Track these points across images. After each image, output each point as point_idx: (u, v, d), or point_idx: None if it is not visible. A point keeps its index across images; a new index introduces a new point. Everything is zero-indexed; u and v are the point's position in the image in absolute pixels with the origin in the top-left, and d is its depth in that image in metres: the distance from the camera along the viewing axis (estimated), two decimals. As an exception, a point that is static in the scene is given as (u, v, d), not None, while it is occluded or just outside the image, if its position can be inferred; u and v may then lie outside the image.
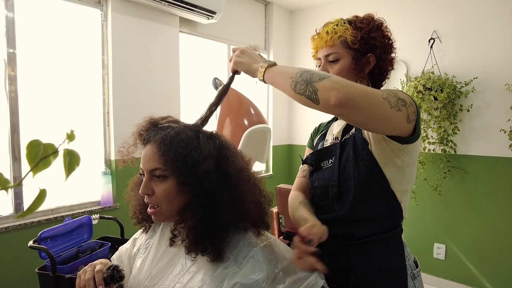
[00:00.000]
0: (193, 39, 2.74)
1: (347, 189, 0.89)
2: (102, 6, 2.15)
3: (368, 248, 0.88)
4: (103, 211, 2.14)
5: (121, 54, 2.20)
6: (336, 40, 0.92)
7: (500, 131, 2.34)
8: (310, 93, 0.70)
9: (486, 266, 2.52)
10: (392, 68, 1.00)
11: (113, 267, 0.79)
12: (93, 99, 2.18)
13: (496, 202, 2.45)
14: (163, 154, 0.76)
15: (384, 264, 0.87)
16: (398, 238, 0.91)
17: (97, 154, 2.21)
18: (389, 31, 0.98)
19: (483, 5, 2.43)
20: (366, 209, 0.88)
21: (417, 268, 0.94)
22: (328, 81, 0.70)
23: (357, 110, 0.70)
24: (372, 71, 0.95)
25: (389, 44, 0.96)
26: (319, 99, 0.70)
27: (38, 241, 1.45)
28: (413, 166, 0.90)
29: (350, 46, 0.92)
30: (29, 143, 0.26)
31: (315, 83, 0.70)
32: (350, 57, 0.92)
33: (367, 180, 0.87)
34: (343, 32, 0.91)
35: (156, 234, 0.91)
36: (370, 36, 0.91)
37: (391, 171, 0.86)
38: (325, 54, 0.95)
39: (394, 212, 0.89)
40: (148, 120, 0.88)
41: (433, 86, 2.43)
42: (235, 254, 0.77)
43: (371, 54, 0.93)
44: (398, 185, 0.88)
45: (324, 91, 0.69)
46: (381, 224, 0.88)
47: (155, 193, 0.79)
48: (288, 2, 3.31)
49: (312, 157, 1.01)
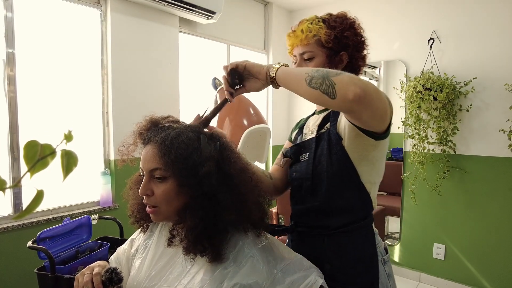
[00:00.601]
0: (192, 39, 2.74)
1: (320, 181, 0.93)
2: (101, 6, 2.15)
3: (343, 238, 0.92)
4: (102, 211, 2.14)
5: (121, 54, 2.20)
6: (311, 39, 0.95)
7: (500, 131, 2.35)
8: (327, 86, 0.71)
9: (485, 266, 2.52)
10: (364, 65, 1.04)
11: (111, 269, 0.78)
12: (92, 99, 2.18)
13: (496, 202, 2.45)
14: (164, 155, 0.76)
15: (358, 252, 0.92)
16: (369, 227, 0.96)
17: (96, 154, 2.21)
18: (361, 29, 1.01)
19: (482, 6, 2.44)
20: (339, 200, 0.92)
21: (387, 254, 0.99)
22: (346, 76, 0.71)
23: (369, 107, 0.73)
24: (345, 68, 0.99)
25: (361, 42, 1.00)
26: (337, 93, 0.70)
27: (37, 242, 1.45)
28: (382, 160, 0.94)
29: (324, 45, 0.95)
30: (26, 143, 0.25)
31: (332, 77, 0.71)
32: (324, 55, 0.96)
33: (340, 173, 0.91)
34: (318, 31, 0.94)
35: (154, 234, 0.90)
36: (343, 35, 0.95)
37: (362, 165, 0.91)
38: (300, 52, 0.98)
39: (364, 203, 0.94)
40: (148, 119, 0.87)
41: (432, 86, 2.43)
42: (234, 254, 0.76)
43: (344, 53, 0.97)
44: (367, 177, 0.92)
45: (343, 85, 0.70)
46: (354, 214, 0.93)
47: (154, 194, 0.78)
48: (287, 2, 3.31)
49: (291, 150, 1.05)
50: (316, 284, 0.78)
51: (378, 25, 2.93)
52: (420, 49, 2.70)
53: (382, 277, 0.93)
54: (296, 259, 0.83)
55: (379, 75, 3.29)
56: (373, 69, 3.28)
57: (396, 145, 3.11)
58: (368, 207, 0.95)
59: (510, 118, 2.31)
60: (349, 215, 0.93)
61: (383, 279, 0.93)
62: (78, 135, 2.11)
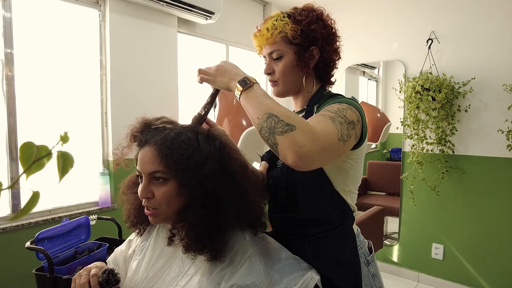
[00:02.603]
0: (191, 39, 2.74)
1: (295, 192, 0.91)
2: (100, 6, 2.15)
3: (322, 243, 0.90)
4: (101, 212, 2.14)
5: (119, 55, 2.20)
6: (277, 37, 0.90)
7: (498, 132, 2.35)
8: (272, 144, 0.70)
9: (484, 266, 2.52)
10: (339, 58, 0.98)
11: (108, 270, 0.78)
12: (91, 99, 2.18)
13: (494, 202, 2.46)
14: (165, 156, 0.75)
15: (338, 256, 0.90)
16: (349, 230, 0.93)
17: (95, 154, 2.21)
18: (331, 20, 0.95)
19: (480, 6, 2.44)
20: (315, 210, 0.90)
21: (371, 254, 0.97)
22: (289, 139, 0.67)
23: (311, 166, 0.70)
24: (317, 65, 0.94)
25: (332, 33, 0.94)
26: (279, 153, 0.69)
27: (35, 242, 1.44)
28: (358, 167, 0.92)
29: (291, 41, 0.90)
30: (22, 145, 0.25)
31: (277, 135, 0.69)
32: (293, 52, 0.90)
33: (312, 183, 0.89)
34: (283, 27, 0.89)
35: (151, 236, 0.90)
36: (310, 28, 0.89)
37: (334, 174, 0.88)
38: (269, 52, 0.93)
39: (341, 211, 0.92)
40: (141, 121, 0.86)
41: (431, 86, 2.43)
42: (232, 255, 0.76)
43: (314, 47, 0.91)
44: (341, 186, 0.90)
45: (282, 148, 0.68)
46: (331, 221, 0.91)
47: (155, 196, 0.78)
48: (286, 3, 3.31)
49: (267, 155, 1.02)
50: (312, 281, 0.78)
51: (377, 26, 2.93)
52: (419, 49, 2.70)
53: (366, 278, 0.91)
54: (293, 260, 0.83)
55: (378, 75, 3.29)
56: (372, 69, 3.29)
57: (395, 145, 3.11)
58: (346, 213, 0.93)
59: (509, 119, 2.31)
60: (326, 223, 0.91)
61: (368, 280, 0.92)
62: (77, 135, 2.11)
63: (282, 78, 0.93)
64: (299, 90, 0.97)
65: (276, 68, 0.93)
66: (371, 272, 0.94)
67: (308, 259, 0.89)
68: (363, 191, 3.39)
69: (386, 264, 3.00)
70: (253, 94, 0.76)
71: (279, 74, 0.93)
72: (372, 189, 3.38)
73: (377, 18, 2.93)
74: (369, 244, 0.99)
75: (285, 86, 0.95)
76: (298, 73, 0.93)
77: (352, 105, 0.82)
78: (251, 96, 0.76)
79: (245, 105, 0.77)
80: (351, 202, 0.94)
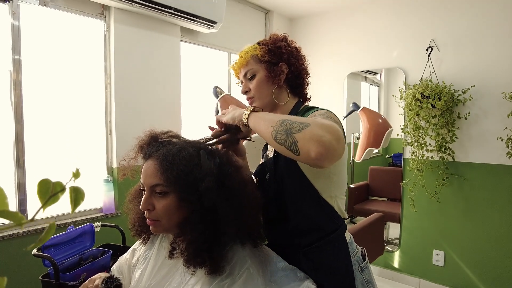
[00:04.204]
0: (194, 48, 2.79)
1: (284, 203, 0.96)
2: (105, 17, 2.20)
3: (316, 253, 0.95)
4: (105, 218, 2.18)
5: (124, 63, 2.25)
6: (248, 58, 1.03)
7: (498, 139, 2.37)
8: (290, 144, 0.72)
9: (485, 272, 2.53)
10: (307, 75, 1.09)
11: (106, 279, 0.82)
12: (96, 107, 2.22)
13: (494, 209, 2.47)
14: (165, 171, 0.78)
15: (332, 264, 0.94)
16: (341, 238, 0.97)
17: (99, 162, 2.25)
18: (294, 43, 1.08)
19: (479, 15, 2.47)
20: (305, 220, 0.95)
21: (364, 261, 1.01)
22: (308, 132, 0.70)
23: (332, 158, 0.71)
24: (288, 78, 1.04)
25: (296, 51, 1.06)
26: (299, 151, 0.71)
27: (42, 249, 1.48)
28: (341, 173, 0.96)
29: (261, 59, 1.02)
30: (40, 181, 0.29)
31: (295, 134, 0.71)
32: (264, 69, 1.02)
33: (299, 191, 0.94)
34: (253, 51, 1.03)
35: (154, 246, 0.93)
36: (275, 46, 1.02)
37: (319, 182, 0.93)
38: (243, 73, 1.05)
39: (330, 217, 0.96)
40: (149, 133, 0.90)
41: (431, 94, 2.46)
42: (231, 267, 0.79)
43: (282, 63, 1.02)
44: (327, 192, 0.95)
45: (305, 143, 0.70)
46: (322, 230, 0.95)
47: (155, 209, 0.81)
48: (288, 10, 3.35)
49: (256, 170, 1.08)
50: None
51: (378, 33, 2.97)
52: (419, 57, 2.73)
53: (360, 285, 0.95)
54: (290, 270, 0.86)
55: (380, 80, 3.32)
56: (374, 74, 3.32)
57: (397, 151, 3.13)
58: (335, 220, 0.97)
59: (508, 126, 2.33)
60: (317, 232, 0.95)
61: (362, 287, 0.95)
62: (82, 142, 2.16)
63: (257, 93, 1.03)
64: (274, 105, 1.05)
65: (251, 86, 1.04)
66: (365, 279, 0.98)
67: (303, 270, 0.92)
68: (364, 197, 3.41)
69: (388, 270, 3.01)
70: (261, 114, 0.84)
71: (254, 90, 1.04)
72: (373, 195, 3.40)
73: (377, 26, 2.97)
74: (362, 251, 1.03)
75: (261, 100, 1.04)
76: (271, 87, 1.03)
77: (330, 112, 0.91)
78: (260, 115, 0.83)
79: (255, 122, 0.82)
80: (340, 208, 0.98)
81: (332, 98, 3.30)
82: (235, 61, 1.07)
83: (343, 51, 3.19)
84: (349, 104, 3.26)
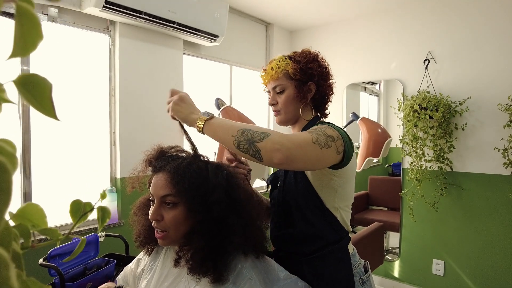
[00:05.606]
0: (196, 61, 2.85)
1: (290, 209, 1.02)
2: (110, 31, 2.27)
3: (319, 262, 0.99)
4: (108, 228, 2.21)
5: (128, 76, 2.31)
6: (280, 74, 1.06)
7: (494, 149, 2.41)
8: (254, 152, 0.81)
9: (484, 282, 2.55)
10: (332, 93, 1.13)
11: None
12: (101, 119, 2.28)
13: (493, 218, 2.50)
14: (177, 184, 0.83)
15: (334, 274, 0.98)
16: (344, 249, 1.01)
17: (103, 172, 2.30)
18: (325, 62, 1.11)
19: (476, 28, 2.53)
20: (309, 227, 1.00)
21: (366, 273, 1.05)
22: (269, 142, 0.80)
23: (295, 162, 0.81)
24: (314, 97, 1.08)
25: (326, 72, 1.10)
26: (263, 158, 0.80)
27: (47, 259, 1.52)
28: (346, 185, 1.01)
29: (292, 77, 1.05)
30: (72, 202, 0.33)
31: (257, 143, 0.80)
32: (293, 86, 1.06)
33: (305, 200, 1.00)
34: (285, 66, 1.05)
35: (160, 256, 0.97)
36: (307, 67, 1.05)
37: (323, 192, 0.99)
38: (273, 86, 1.09)
39: (334, 228, 1.01)
40: (157, 148, 0.96)
41: (428, 105, 2.51)
42: (234, 276, 0.83)
43: (311, 82, 1.06)
44: (331, 203, 1.00)
45: (266, 151, 0.80)
46: (325, 239, 1.00)
47: (164, 219, 0.85)
48: (288, 23, 3.43)
49: (270, 177, 1.16)
50: None
51: (376, 46, 3.04)
52: (416, 69, 2.79)
53: None
54: (291, 280, 0.89)
55: (379, 90, 3.38)
56: (373, 85, 3.38)
57: (396, 160, 3.17)
58: (338, 231, 1.01)
59: (504, 137, 2.38)
60: (320, 241, 0.99)
61: None
62: (86, 153, 2.21)
63: (284, 108, 1.08)
64: (297, 119, 1.11)
65: (279, 100, 1.08)
66: None
67: (306, 278, 0.96)
68: (364, 206, 3.44)
69: (388, 279, 3.02)
70: (217, 120, 0.88)
71: (281, 104, 1.08)
72: (373, 204, 3.43)
73: (376, 39, 3.04)
74: (365, 264, 1.07)
75: (286, 115, 1.09)
76: (297, 104, 1.08)
77: (333, 127, 0.95)
78: (217, 122, 0.88)
79: (213, 130, 0.87)
80: (344, 219, 1.02)
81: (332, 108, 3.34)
82: (265, 70, 1.10)
83: (342, 63, 3.25)
84: (348, 114, 3.31)
